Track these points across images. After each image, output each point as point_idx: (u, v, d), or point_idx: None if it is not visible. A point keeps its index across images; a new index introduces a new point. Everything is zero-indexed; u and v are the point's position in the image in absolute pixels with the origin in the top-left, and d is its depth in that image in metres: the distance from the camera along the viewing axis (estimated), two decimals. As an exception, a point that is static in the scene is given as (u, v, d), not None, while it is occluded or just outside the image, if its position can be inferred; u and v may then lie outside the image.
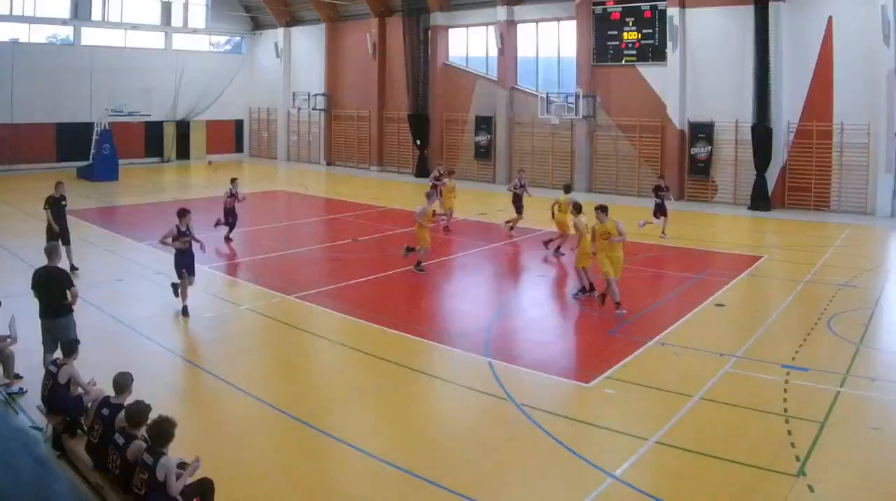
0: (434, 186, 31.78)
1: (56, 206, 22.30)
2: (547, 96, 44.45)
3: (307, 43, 59.80)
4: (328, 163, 58.70)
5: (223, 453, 10.95)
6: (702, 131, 40.30)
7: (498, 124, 48.26)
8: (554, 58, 46.78)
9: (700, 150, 40.36)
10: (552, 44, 46.68)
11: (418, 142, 51.45)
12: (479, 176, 49.52)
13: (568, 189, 27.51)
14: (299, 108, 59.21)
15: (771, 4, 37.38)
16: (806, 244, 28.72)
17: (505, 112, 47.86)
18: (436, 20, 50.74)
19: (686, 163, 40.95)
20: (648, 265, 24.58)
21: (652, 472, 10.82)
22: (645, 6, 42.08)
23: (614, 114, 43.61)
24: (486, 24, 48.66)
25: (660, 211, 29.95)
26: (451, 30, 51.27)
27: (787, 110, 37.75)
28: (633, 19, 42.63)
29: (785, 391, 13.44)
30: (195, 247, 18.87)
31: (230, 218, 27.73)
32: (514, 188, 31.25)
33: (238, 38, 64.57)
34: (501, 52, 47.50)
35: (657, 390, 13.62)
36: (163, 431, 8.86)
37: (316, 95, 57.89)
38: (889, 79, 34.87)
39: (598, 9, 43.70)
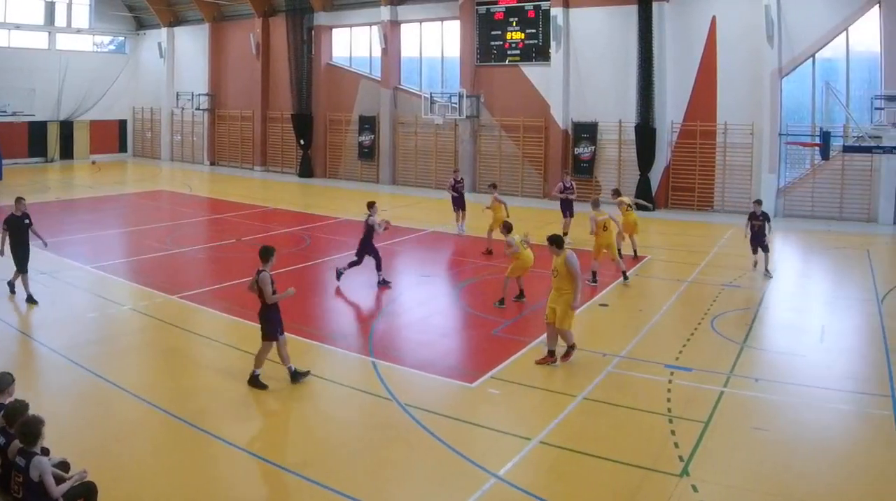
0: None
1: (16, 226, 17.81)
2: (431, 96, 40.61)
3: (191, 43, 54.40)
4: (212, 163, 53.54)
5: (107, 452, 10.29)
6: (585, 131, 36.82)
7: (381, 124, 44.07)
8: (438, 58, 42.87)
9: (583, 150, 36.82)
10: (436, 44, 42.82)
11: (302, 142, 47.04)
12: (362, 176, 45.52)
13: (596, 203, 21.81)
14: (183, 108, 54.04)
15: (654, 4, 34.17)
16: (690, 244, 26.78)
17: (388, 112, 43.61)
18: (319, 20, 46.33)
19: (570, 162, 37.33)
20: (535, 264, 21.71)
21: (536, 472, 10.18)
22: (528, 6, 38.41)
23: (498, 114, 39.80)
24: (370, 24, 44.48)
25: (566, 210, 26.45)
26: (334, 30, 46.83)
27: (671, 110, 34.62)
28: (516, 19, 39.01)
29: (668, 391, 12.69)
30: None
31: (368, 252, 20.46)
32: (450, 190, 28.18)
33: (122, 38, 58.52)
34: (385, 51, 43.28)
35: (541, 390, 12.86)
36: (29, 430, 8.15)
37: (199, 95, 52.71)
38: (773, 78, 31.99)
39: (482, 8, 39.83)
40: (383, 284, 20.03)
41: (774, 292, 20.12)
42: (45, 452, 8.66)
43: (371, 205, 20.48)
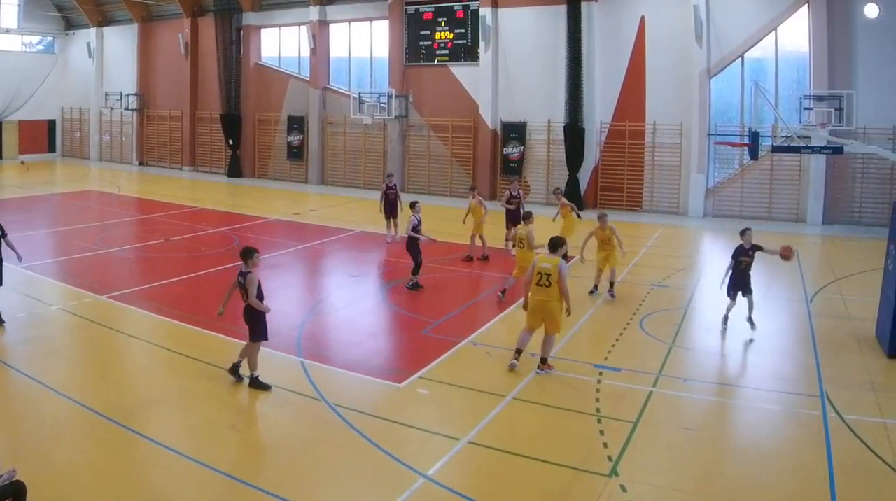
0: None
1: None
2: (359, 96, 37.60)
3: (120, 43, 50.38)
4: (141, 163, 49.69)
5: (35, 453, 9.56)
6: (514, 131, 34.39)
7: (310, 124, 40.98)
8: (366, 58, 39.95)
9: (512, 150, 34.40)
10: (365, 44, 39.90)
11: (231, 142, 43.74)
12: (291, 176, 42.39)
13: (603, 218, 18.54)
14: (112, 108, 50.03)
15: (583, 4, 32.01)
16: None
17: (317, 112, 40.58)
18: (248, 20, 42.99)
19: (498, 162, 34.97)
20: (464, 265, 21.57)
21: (464, 472, 9.59)
22: (457, 6, 35.85)
23: (427, 114, 37.11)
24: (299, 24, 41.38)
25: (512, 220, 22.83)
26: (263, 30, 43.52)
27: (600, 110, 32.38)
28: (445, 19, 36.42)
29: (597, 391, 12.06)
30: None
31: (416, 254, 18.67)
32: (383, 195, 24.84)
33: (50, 38, 54.18)
34: (314, 51, 40.23)
35: (470, 390, 12.11)
36: None
37: (128, 95, 48.77)
38: (701, 78, 29.97)
39: (411, 8, 37.11)
40: (413, 288, 18.42)
41: (703, 292, 18.95)
42: None
43: (413, 205, 19.00)
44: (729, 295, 15.05)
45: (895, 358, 13.43)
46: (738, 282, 14.96)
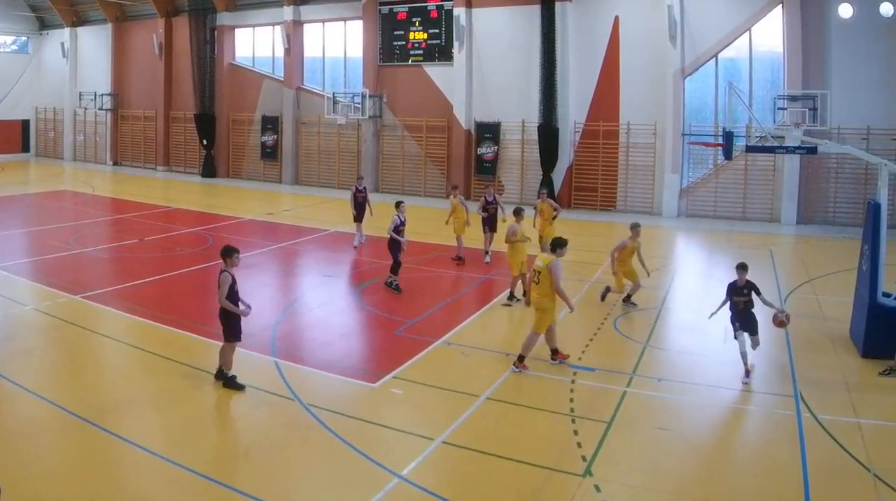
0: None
1: None
2: (333, 96, 36.63)
3: (94, 43, 48.86)
4: (115, 163, 48.21)
5: (9, 452, 9.43)
6: (488, 131, 33.43)
7: (284, 124, 39.77)
8: (340, 58, 38.80)
9: (486, 150, 33.45)
10: (339, 44, 38.75)
11: (205, 142, 42.48)
12: (265, 176, 41.14)
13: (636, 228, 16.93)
14: (86, 108, 48.46)
15: (557, 4, 31.10)
16: (593, 244, 24.14)
17: (291, 112, 39.38)
18: (222, 20, 41.74)
19: (472, 163, 33.98)
20: (437, 265, 21.02)
21: (438, 472, 9.33)
22: (431, 6, 34.82)
23: (401, 113, 36.03)
24: (273, 24, 40.18)
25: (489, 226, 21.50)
26: (237, 30, 42.25)
27: (574, 110, 31.48)
28: (419, 19, 35.40)
29: (571, 391, 11.82)
30: None
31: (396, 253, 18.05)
32: (352, 198, 23.29)
33: (24, 38, 52.58)
34: (288, 51, 39.08)
35: (444, 390, 11.88)
36: None
37: (102, 95, 47.39)
38: (675, 78, 29.18)
39: (385, 8, 36.02)
40: (391, 286, 17.96)
41: (677, 292, 18.81)
42: None
43: (398, 205, 18.31)
44: (736, 335, 12.52)
45: (869, 357, 13.10)
46: (743, 323, 12.56)
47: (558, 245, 12.92)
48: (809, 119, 25.73)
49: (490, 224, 21.24)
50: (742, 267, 12.83)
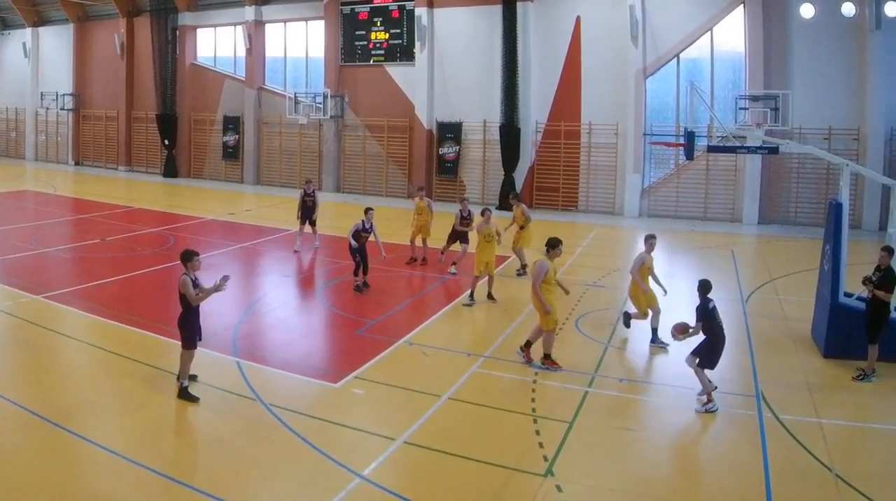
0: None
1: None
2: (295, 96, 35.13)
3: (56, 43, 46.79)
4: (76, 163, 46.18)
5: None
6: (450, 131, 32.06)
7: (246, 124, 38.07)
8: (302, 58, 37.24)
9: (448, 150, 32.09)
10: (300, 44, 37.20)
11: (166, 142, 40.65)
12: (226, 176, 39.36)
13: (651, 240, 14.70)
14: (48, 108, 46.46)
15: (519, 4, 29.86)
16: None
17: (253, 112, 37.69)
18: (184, 20, 39.88)
19: (434, 163, 32.61)
20: (399, 265, 19.97)
21: (400, 472, 9.04)
22: (393, 6, 33.38)
23: (362, 113, 34.53)
24: (235, 24, 38.39)
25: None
26: (199, 29, 40.41)
27: (536, 110, 30.24)
28: (381, 19, 33.96)
29: (533, 391, 11.36)
30: None
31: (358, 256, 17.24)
32: (300, 201, 21.74)
33: (-14, 38, 50.68)
34: (249, 51, 37.37)
35: (405, 390, 11.35)
36: None
37: (64, 95, 45.38)
38: (637, 78, 27.98)
39: (346, 8, 34.54)
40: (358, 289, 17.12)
41: None
42: None
43: (367, 212, 17.34)
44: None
45: (831, 358, 12.77)
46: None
47: (550, 245, 12.37)
48: (771, 119, 24.91)
49: (464, 237, 19.38)
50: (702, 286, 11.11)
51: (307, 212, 21.51)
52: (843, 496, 8.40)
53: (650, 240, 14.38)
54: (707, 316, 10.74)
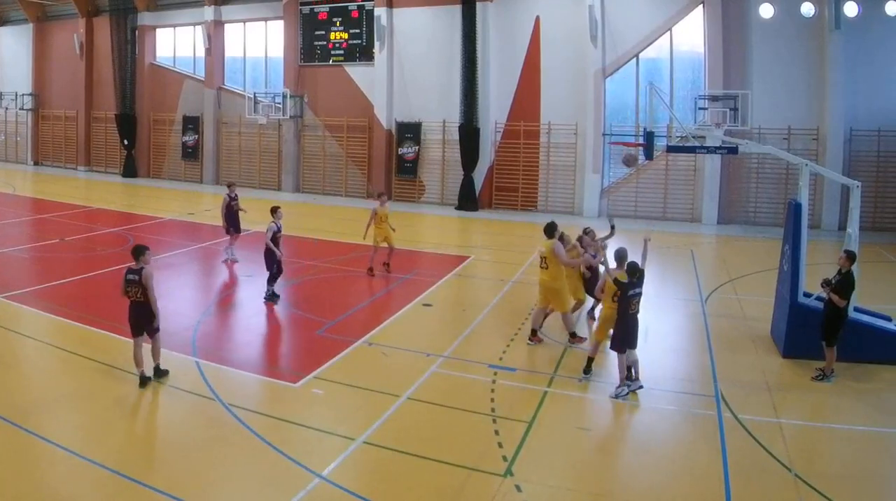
0: None
1: None
2: (254, 96, 32.85)
3: (15, 43, 43.96)
4: (36, 163, 43.43)
5: None
6: (409, 131, 30.13)
7: (205, 124, 35.72)
8: (261, 58, 34.98)
9: (407, 150, 30.20)
10: (260, 44, 34.96)
11: (126, 142, 38.19)
12: (186, 176, 36.97)
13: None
14: (6, 108, 43.78)
15: (478, 4, 28.02)
16: (513, 244, 22.84)
17: (212, 112, 35.35)
18: (143, 20, 37.36)
19: (393, 163, 30.67)
20: (358, 265, 18.82)
21: (359, 472, 8.67)
22: (352, 6, 31.37)
23: (322, 113, 32.45)
24: (194, 24, 36.06)
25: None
26: (158, 29, 37.89)
27: (495, 110, 28.43)
28: (340, 19, 31.92)
29: (492, 391, 10.77)
30: None
31: (271, 261, 15.61)
32: (224, 209, 19.20)
33: (-55, 38, 47.84)
34: (209, 51, 35.04)
35: (365, 390, 10.77)
36: None
37: (23, 95, 42.70)
38: (596, 78, 26.31)
39: (306, 8, 32.40)
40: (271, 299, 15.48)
41: None
42: None
43: (274, 211, 15.73)
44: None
45: (790, 357, 12.27)
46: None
47: (555, 228, 12.73)
48: (730, 119, 23.58)
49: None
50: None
51: (234, 218, 18.95)
52: (803, 496, 8.01)
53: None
54: (624, 297, 10.50)
